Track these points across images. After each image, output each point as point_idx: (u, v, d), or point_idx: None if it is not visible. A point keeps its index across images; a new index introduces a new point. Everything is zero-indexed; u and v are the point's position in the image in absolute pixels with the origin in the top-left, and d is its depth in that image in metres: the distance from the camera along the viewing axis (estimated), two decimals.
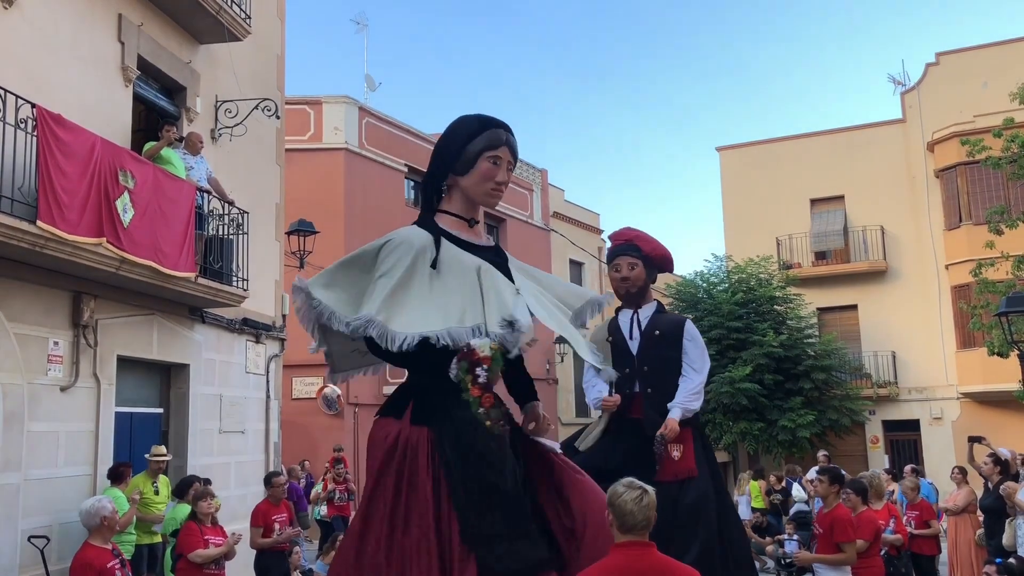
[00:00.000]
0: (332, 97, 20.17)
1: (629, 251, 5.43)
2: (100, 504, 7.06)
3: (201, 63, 11.40)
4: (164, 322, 10.27)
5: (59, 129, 7.78)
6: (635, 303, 5.47)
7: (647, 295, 5.50)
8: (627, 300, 5.49)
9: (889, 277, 25.59)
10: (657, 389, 5.16)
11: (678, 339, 5.30)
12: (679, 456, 4.98)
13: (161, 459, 9.18)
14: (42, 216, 7.50)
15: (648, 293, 5.52)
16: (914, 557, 9.99)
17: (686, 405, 5.09)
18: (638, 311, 5.43)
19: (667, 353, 5.24)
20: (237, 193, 11.50)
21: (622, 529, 3.26)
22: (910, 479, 11.60)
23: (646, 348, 5.29)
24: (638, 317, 5.40)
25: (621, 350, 5.33)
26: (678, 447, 4.98)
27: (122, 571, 6.69)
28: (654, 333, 5.30)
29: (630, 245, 5.46)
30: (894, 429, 25.19)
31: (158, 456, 9.15)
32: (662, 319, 5.43)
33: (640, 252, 5.42)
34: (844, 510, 7.01)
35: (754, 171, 27.64)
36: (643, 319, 5.39)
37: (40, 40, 8.62)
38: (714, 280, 24.52)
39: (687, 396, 5.13)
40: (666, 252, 5.51)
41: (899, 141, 26.05)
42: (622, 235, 5.60)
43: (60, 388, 8.63)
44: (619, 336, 5.39)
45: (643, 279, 5.41)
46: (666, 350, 5.25)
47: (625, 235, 5.58)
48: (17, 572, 7.89)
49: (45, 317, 8.48)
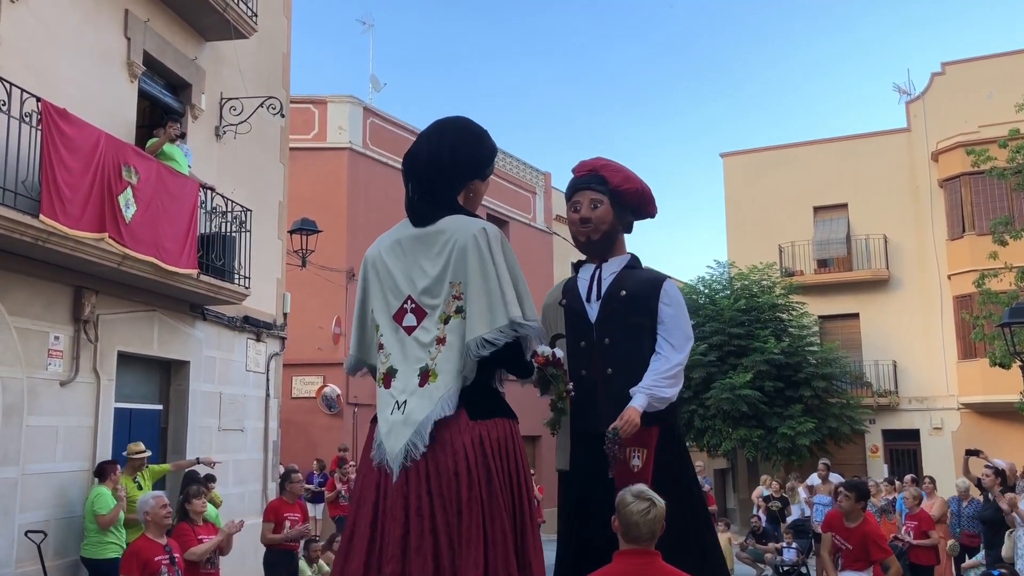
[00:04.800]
0: (337, 96, 20.17)
1: (592, 184, 4.11)
2: (143, 499, 7.13)
3: (207, 60, 11.39)
4: (165, 319, 10.26)
5: (63, 123, 7.77)
6: (599, 255, 4.14)
7: (617, 245, 4.16)
8: (588, 250, 4.17)
9: (891, 286, 25.57)
10: (621, 369, 3.88)
11: (652, 302, 3.96)
12: (639, 468, 3.72)
13: (140, 455, 9.08)
14: (45, 210, 7.49)
15: (618, 243, 4.18)
16: (912, 567, 9.99)
17: (655, 391, 3.77)
18: (602, 266, 4.12)
19: (636, 320, 3.94)
20: (240, 190, 11.49)
21: (627, 538, 3.23)
22: (911, 488, 11.62)
23: (608, 314, 3.98)
24: (600, 273, 4.09)
25: (577, 317, 4.04)
26: (639, 452, 3.74)
27: (171, 568, 6.67)
28: (619, 294, 3.99)
29: (594, 176, 4.14)
30: (894, 438, 25.14)
31: (137, 453, 9.05)
32: (632, 276, 4.06)
33: (607, 185, 4.09)
34: (874, 525, 7.02)
35: (758, 178, 27.62)
36: (607, 276, 4.07)
37: (46, 34, 8.61)
38: (716, 286, 24.51)
39: (658, 379, 3.80)
40: (642, 185, 4.18)
41: (903, 150, 26.03)
42: (585, 165, 4.27)
43: (60, 383, 8.61)
44: (574, 298, 4.08)
45: (609, 221, 4.08)
46: (635, 316, 3.94)
47: (588, 164, 4.25)
48: (14, 566, 7.87)
49: (46, 311, 8.46)
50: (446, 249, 3.30)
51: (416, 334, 3.32)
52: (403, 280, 3.38)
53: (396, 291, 3.39)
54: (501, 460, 3.24)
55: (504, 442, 3.27)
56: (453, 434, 3.18)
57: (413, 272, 3.37)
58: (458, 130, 3.56)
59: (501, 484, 3.20)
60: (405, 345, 3.34)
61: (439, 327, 3.28)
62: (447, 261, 3.29)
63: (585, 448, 3.91)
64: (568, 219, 4.25)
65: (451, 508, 3.13)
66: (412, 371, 3.29)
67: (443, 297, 3.29)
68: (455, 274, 3.27)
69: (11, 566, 7.86)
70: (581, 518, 3.95)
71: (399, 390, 3.30)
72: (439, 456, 3.17)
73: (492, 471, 3.19)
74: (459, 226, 3.32)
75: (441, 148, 3.48)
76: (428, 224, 3.40)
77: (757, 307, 23.10)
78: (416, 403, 3.23)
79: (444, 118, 3.70)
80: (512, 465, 3.29)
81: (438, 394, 3.21)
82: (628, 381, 3.81)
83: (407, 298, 3.36)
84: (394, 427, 3.24)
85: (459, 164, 3.48)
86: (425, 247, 3.37)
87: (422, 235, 3.39)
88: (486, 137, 3.61)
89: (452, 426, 3.18)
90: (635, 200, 4.16)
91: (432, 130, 3.60)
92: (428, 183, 3.46)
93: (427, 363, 3.26)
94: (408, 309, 3.35)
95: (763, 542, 14.46)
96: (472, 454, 3.17)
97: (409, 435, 3.17)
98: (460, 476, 3.14)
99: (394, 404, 3.29)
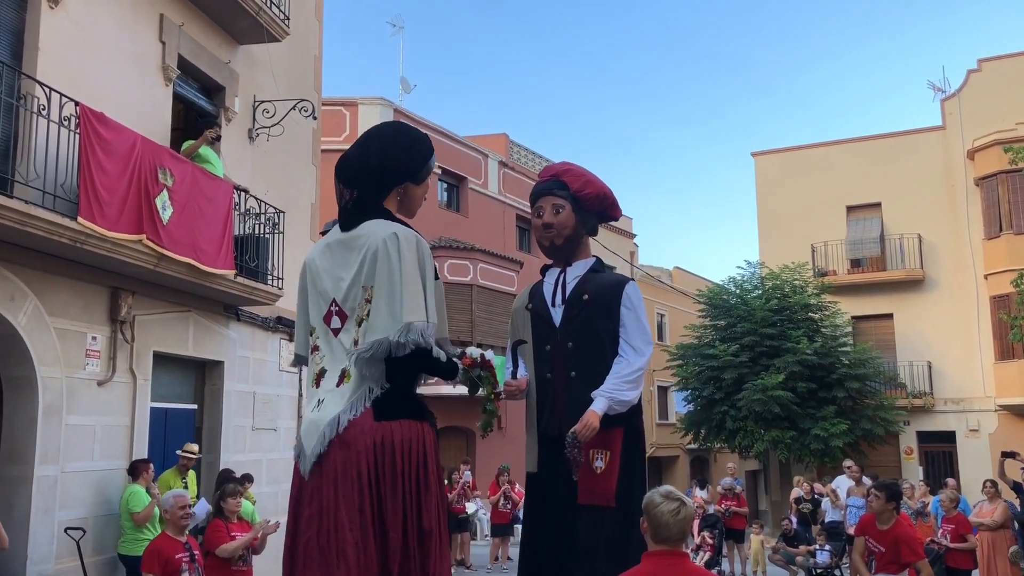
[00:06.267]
0: (367, 99, 20.31)
1: (554, 189, 4.22)
2: (165, 498, 7.23)
3: (240, 63, 11.52)
4: (200, 319, 10.38)
5: (101, 127, 7.89)
6: (564, 259, 4.25)
7: (580, 249, 4.28)
8: (553, 255, 4.28)
9: (926, 286, 25.25)
10: (583, 373, 3.96)
11: (613, 305, 4.06)
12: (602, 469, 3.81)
13: (192, 456, 9.26)
14: (83, 213, 7.61)
15: (582, 246, 4.30)
16: (949, 571, 9.85)
17: (615, 395, 3.85)
18: (566, 270, 4.23)
19: (598, 324, 4.03)
20: (273, 192, 11.60)
21: (656, 539, 3.21)
22: (950, 491, 11.40)
23: (571, 318, 4.08)
24: (564, 277, 4.20)
25: (542, 321, 4.15)
26: (603, 454, 3.82)
27: (191, 566, 6.76)
28: (582, 298, 4.08)
29: (555, 182, 4.25)
30: (929, 440, 24.82)
31: (189, 453, 9.23)
32: (595, 280, 4.16)
33: (567, 190, 4.19)
34: (907, 528, 6.93)
35: (790, 177, 27.40)
36: (570, 280, 4.18)
37: (84, 39, 8.75)
38: (747, 287, 24.35)
39: (619, 383, 3.88)
40: (603, 189, 4.28)
41: (938, 148, 25.70)
42: (548, 170, 4.40)
43: (97, 382, 8.75)
44: (539, 302, 4.21)
45: (571, 226, 4.18)
46: (597, 320, 4.03)
47: (551, 169, 4.39)
48: (54, 562, 8.01)
49: (84, 312, 8.60)
50: (361, 253, 3.36)
51: (340, 336, 3.40)
52: (329, 283, 3.45)
53: (324, 294, 3.46)
54: (405, 462, 3.25)
55: (409, 444, 3.28)
56: (357, 434, 3.22)
57: (337, 275, 3.44)
58: (389, 135, 3.63)
59: (405, 487, 3.22)
60: (333, 347, 3.42)
61: (355, 330, 3.34)
62: (361, 264, 3.34)
63: (549, 450, 3.99)
64: (532, 224, 4.38)
65: (353, 508, 3.16)
66: (335, 372, 3.37)
67: (358, 300, 3.35)
68: (367, 278, 3.33)
69: (51, 562, 8.00)
70: (544, 519, 4.03)
71: (325, 389, 3.38)
72: (343, 456, 3.21)
73: (396, 473, 3.21)
74: (375, 231, 3.37)
75: (369, 153, 3.54)
76: (352, 228, 3.46)
77: (789, 307, 22.92)
78: (330, 401, 3.31)
79: (379, 124, 3.82)
80: (417, 467, 3.28)
81: (348, 394, 3.27)
82: (590, 384, 3.90)
83: (332, 301, 3.43)
84: (308, 426, 3.32)
85: (386, 169, 3.52)
86: (347, 251, 3.42)
87: (345, 239, 3.46)
88: (419, 144, 3.63)
89: (358, 427, 3.23)
90: (596, 204, 4.27)
91: (365, 135, 3.67)
92: (354, 187, 3.53)
93: (346, 364, 3.34)
94: (334, 312, 3.42)
95: (794, 545, 14.34)
96: (373, 455, 3.20)
97: (318, 433, 3.25)
98: (361, 476, 3.18)
99: (316, 403, 3.38)
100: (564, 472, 3.85)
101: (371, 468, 3.19)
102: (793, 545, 14.35)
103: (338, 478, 3.19)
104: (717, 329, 24.16)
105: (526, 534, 4.21)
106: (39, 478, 7.96)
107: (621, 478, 3.83)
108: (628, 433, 3.95)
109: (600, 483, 3.79)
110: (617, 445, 3.86)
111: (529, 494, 4.24)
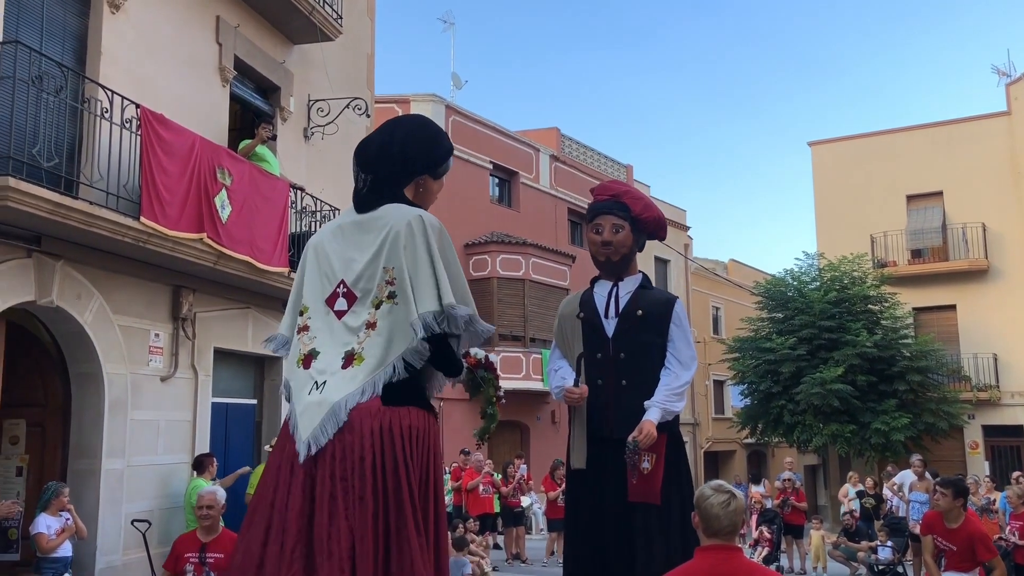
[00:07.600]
0: (420, 95, 20.41)
1: (615, 210, 4.45)
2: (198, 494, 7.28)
3: (294, 63, 11.67)
4: (259, 315, 10.56)
5: (161, 128, 8.08)
6: (616, 274, 4.49)
7: (631, 265, 4.53)
8: (606, 269, 4.52)
9: (991, 276, 24.59)
10: (633, 381, 4.25)
11: (664, 322, 4.34)
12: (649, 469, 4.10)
13: None
14: (145, 212, 7.80)
15: (633, 263, 4.54)
16: (1017, 568, 9.60)
17: (667, 405, 4.17)
18: (618, 284, 4.47)
19: (648, 338, 4.32)
20: (328, 190, 11.74)
21: (708, 533, 3.22)
22: (1018, 487, 11.10)
23: (624, 330, 4.33)
24: (617, 292, 4.44)
25: (594, 331, 4.40)
26: (650, 456, 4.10)
27: (198, 568, 6.72)
28: (635, 313, 4.34)
29: (616, 203, 4.48)
30: (995, 434, 24.17)
31: None
32: (646, 296, 4.44)
33: (628, 212, 4.44)
34: (979, 525, 6.80)
35: (847, 166, 26.89)
36: (623, 295, 4.43)
37: (143, 43, 8.95)
38: (805, 279, 23.98)
39: (669, 395, 4.20)
40: (660, 215, 4.57)
41: (1003, 134, 24.99)
42: (607, 189, 4.61)
43: (160, 378, 8.96)
44: (592, 313, 4.43)
45: (628, 245, 4.44)
46: (648, 334, 4.32)
47: (611, 189, 4.60)
48: (121, 553, 8.25)
49: (147, 310, 8.81)
50: (382, 234, 3.31)
51: (345, 319, 3.33)
52: (339, 264, 3.40)
53: (331, 275, 3.41)
54: (412, 448, 3.18)
55: (416, 431, 3.22)
56: (363, 417, 3.13)
57: (348, 256, 3.39)
58: (412, 127, 3.62)
59: (410, 474, 3.13)
60: (333, 329, 3.35)
61: (370, 311, 3.27)
62: (381, 246, 3.29)
63: (599, 451, 4.26)
64: (589, 239, 4.61)
65: (353, 494, 3.06)
66: (336, 354, 3.29)
67: (376, 282, 3.29)
68: (389, 259, 3.28)
69: (119, 552, 8.23)
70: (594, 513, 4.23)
71: (319, 371, 3.29)
72: (347, 439, 3.11)
73: (399, 459, 3.12)
74: (397, 213, 3.34)
75: (392, 141, 3.52)
76: (369, 211, 3.43)
77: (848, 299, 22.50)
78: (335, 384, 3.21)
79: (402, 115, 3.84)
80: (426, 455, 3.23)
81: (360, 377, 3.19)
82: (639, 392, 4.22)
83: (340, 282, 3.37)
84: (308, 407, 3.21)
85: (408, 158, 3.50)
86: (363, 232, 3.38)
87: (361, 221, 3.42)
88: (441, 138, 3.64)
89: (363, 410, 3.14)
90: (652, 227, 4.55)
91: (388, 124, 3.65)
92: (375, 172, 3.49)
93: (353, 347, 3.26)
94: (340, 293, 3.36)
95: (856, 540, 14.09)
96: (379, 439, 3.11)
97: (323, 416, 3.15)
98: (364, 460, 3.09)
99: (312, 384, 3.27)
100: (612, 471, 4.14)
101: (375, 452, 3.10)
102: (854, 541, 14.10)
103: (337, 460, 3.10)
104: (774, 322, 23.84)
105: (573, 526, 4.37)
106: (106, 471, 8.19)
107: (665, 478, 4.14)
108: (671, 438, 4.26)
109: (648, 483, 4.09)
110: (662, 448, 4.14)
111: (575, 489, 4.42)
